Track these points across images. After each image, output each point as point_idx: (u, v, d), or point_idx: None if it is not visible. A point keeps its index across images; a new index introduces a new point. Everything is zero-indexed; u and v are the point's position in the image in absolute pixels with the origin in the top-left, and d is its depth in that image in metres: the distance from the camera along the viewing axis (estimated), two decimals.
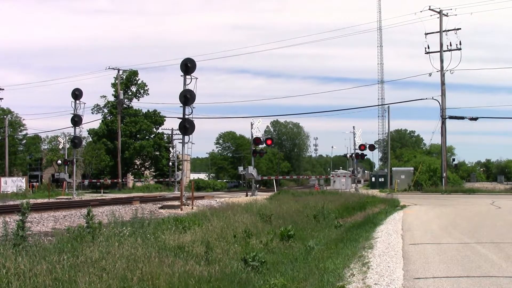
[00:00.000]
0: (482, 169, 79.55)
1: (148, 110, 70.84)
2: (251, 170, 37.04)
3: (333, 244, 11.25)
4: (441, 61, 44.59)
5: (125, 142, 66.49)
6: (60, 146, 51.49)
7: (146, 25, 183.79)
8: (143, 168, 73.88)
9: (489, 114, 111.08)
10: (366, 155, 48.70)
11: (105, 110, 70.36)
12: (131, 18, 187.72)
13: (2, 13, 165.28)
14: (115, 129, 64.54)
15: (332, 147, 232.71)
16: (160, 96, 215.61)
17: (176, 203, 24.49)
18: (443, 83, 44.57)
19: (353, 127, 49.72)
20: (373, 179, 60.11)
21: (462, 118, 44.60)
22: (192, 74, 23.82)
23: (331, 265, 8.61)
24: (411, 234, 13.03)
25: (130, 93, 69.57)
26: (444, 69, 44.25)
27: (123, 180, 64.42)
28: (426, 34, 45.62)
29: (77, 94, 38.23)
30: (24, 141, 76.08)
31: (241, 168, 42.89)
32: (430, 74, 45.22)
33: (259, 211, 15.47)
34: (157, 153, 72.09)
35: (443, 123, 44.52)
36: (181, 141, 26.65)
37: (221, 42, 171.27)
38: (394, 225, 15.24)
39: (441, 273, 7.88)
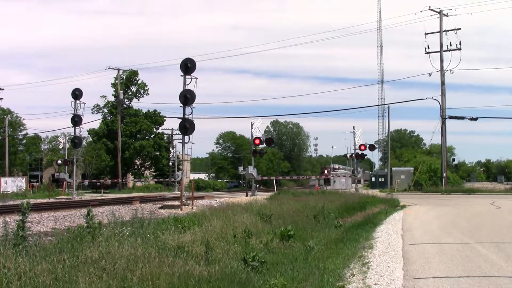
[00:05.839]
0: (482, 169, 79.69)
1: (148, 110, 70.91)
2: (251, 170, 37.03)
3: (333, 244, 11.25)
4: (441, 61, 44.60)
5: (125, 142, 66.46)
6: (60, 146, 51.58)
7: (146, 25, 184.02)
8: (143, 168, 73.86)
9: (489, 114, 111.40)
10: (366, 155, 48.71)
11: (105, 110, 70.37)
12: (131, 18, 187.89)
13: (2, 13, 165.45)
14: (115, 129, 64.52)
15: (332, 147, 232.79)
16: (160, 96, 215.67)
17: (176, 203, 24.48)
18: (443, 83, 44.58)
19: (353, 127, 49.80)
20: (373, 179, 60.10)
21: (462, 118, 44.61)
22: (192, 74, 23.82)
23: (331, 265, 8.61)
24: (411, 234, 13.03)
25: (130, 93, 69.54)
26: (444, 69, 44.26)
27: (123, 180, 64.39)
28: (426, 34, 45.64)
29: (77, 94, 38.23)
30: (24, 141, 76.08)
31: (241, 168, 42.91)
32: (430, 74, 45.30)
33: (259, 211, 15.46)
34: (157, 153, 72.05)
35: (443, 123, 44.52)
36: (181, 141, 26.65)
37: (221, 42, 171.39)
38: (394, 225, 15.24)
39: (441, 273, 7.88)
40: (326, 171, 77.51)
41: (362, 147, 46.82)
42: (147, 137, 71.25)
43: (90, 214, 9.76)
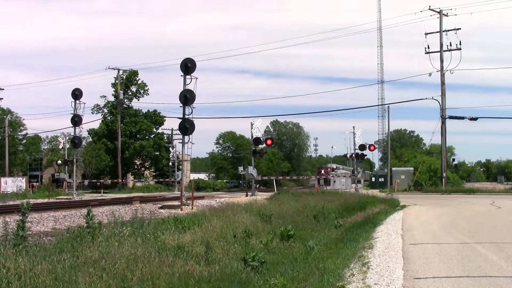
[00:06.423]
0: (482, 169, 79.59)
1: (148, 110, 70.94)
2: (251, 170, 37.03)
3: (333, 244, 11.25)
4: (441, 61, 44.60)
5: (125, 142, 66.47)
6: (60, 146, 51.56)
7: (146, 26, 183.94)
8: (143, 168, 73.87)
9: (489, 114, 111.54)
10: (366, 155, 48.72)
11: (105, 110, 70.41)
12: (131, 18, 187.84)
13: (2, 13, 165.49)
14: (115, 129, 64.54)
15: (332, 147, 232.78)
16: (160, 96, 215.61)
17: (176, 203, 24.48)
18: (443, 83, 44.59)
19: (353, 127, 49.69)
20: (373, 179, 60.09)
21: (462, 118, 44.61)
22: (192, 74, 23.81)
23: (331, 265, 8.62)
24: (411, 234, 13.03)
25: (130, 93, 69.57)
26: (444, 69, 44.26)
27: (123, 180, 64.38)
28: (426, 34, 45.65)
29: (77, 94, 38.22)
30: (24, 141, 76.04)
31: (241, 168, 42.87)
32: (430, 74, 45.31)
33: (259, 211, 15.47)
34: (157, 153, 72.07)
35: (443, 123, 44.53)
36: (181, 141, 26.64)
37: (221, 42, 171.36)
38: (394, 225, 15.24)
39: (441, 273, 7.88)
40: (323, 171, 77.43)
41: (362, 147, 46.83)
42: (147, 137, 71.29)
43: (90, 214, 9.76)
